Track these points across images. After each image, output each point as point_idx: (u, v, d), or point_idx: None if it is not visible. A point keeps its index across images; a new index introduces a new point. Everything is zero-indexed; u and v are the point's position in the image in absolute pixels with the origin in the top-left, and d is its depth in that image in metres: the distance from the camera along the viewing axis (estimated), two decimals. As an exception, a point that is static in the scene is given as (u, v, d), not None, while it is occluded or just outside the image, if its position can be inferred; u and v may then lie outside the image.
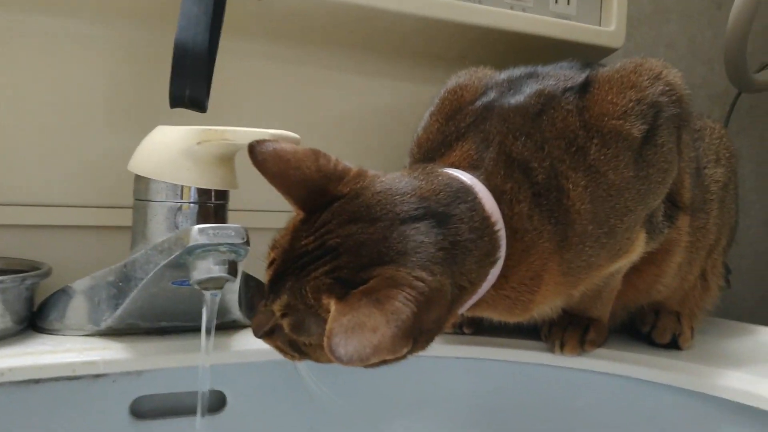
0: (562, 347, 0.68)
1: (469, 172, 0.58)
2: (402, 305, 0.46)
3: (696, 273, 0.77)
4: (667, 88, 0.63)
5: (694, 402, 0.64)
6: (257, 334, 0.54)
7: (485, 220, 0.55)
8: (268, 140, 0.54)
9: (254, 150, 0.53)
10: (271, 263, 0.53)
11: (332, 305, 0.47)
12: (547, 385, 0.70)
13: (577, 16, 0.94)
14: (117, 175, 0.74)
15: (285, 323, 0.51)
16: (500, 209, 0.56)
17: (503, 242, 0.56)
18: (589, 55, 0.96)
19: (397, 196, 0.52)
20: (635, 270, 0.69)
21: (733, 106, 1.25)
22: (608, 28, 0.96)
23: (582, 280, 0.61)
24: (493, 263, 0.55)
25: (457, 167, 0.59)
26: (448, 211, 0.53)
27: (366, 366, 0.48)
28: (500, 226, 0.56)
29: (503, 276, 0.57)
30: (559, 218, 0.58)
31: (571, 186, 0.58)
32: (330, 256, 0.50)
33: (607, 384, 0.68)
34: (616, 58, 0.97)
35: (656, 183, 0.62)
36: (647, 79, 0.63)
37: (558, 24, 0.92)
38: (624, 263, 0.66)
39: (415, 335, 0.47)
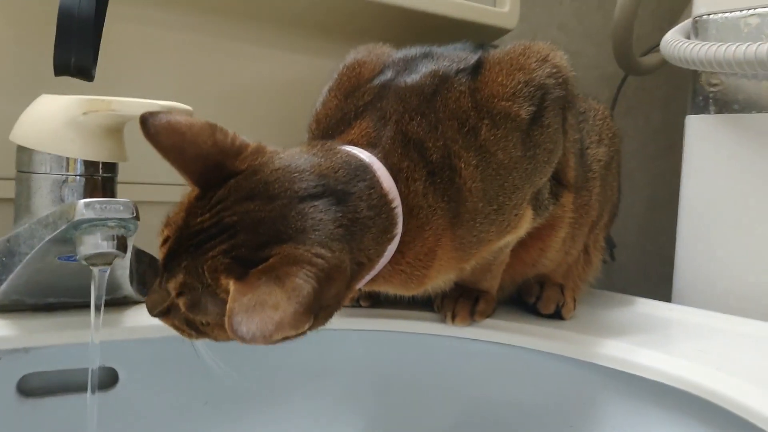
0: (453, 318, 0.70)
1: (367, 150, 0.58)
2: (302, 282, 0.46)
3: (579, 248, 0.81)
4: (554, 71, 0.66)
5: (576, 369, 0.67)
6: (152, 313, 0.53)
7: (383, 197, 0.56)
8: (162, 112, 0.52)
9: (146, 122, 0.51)
10: (164, 241, 0.52)
11: (231, 285, 0.47)
12: (439, 354, 0.72)
13: (473, -5, 0.97)
14: (-1, 146, 0.71)
15: (181, 302, 0.50)
16: (397, 187, 0.57)
17: (400, 219, 0.57)
18: (483, 35, 0.99)
19: (296, 174, 0.52)
20: (522, 244, 0.72)
21: (620, 88, 1.31)
22: (502, 9, 0.98)
23: (473, 255, 0.64)
24: (390, 240, 0.56)
25: (356, 145, 0.59)
26: (347, 189, 0.53)
27: (267, 343, 0.48)
28: (397, 203, 0.57)
29: (399, 252, 0.58)
30: (452, 196, 0.60)
31: (463, 165, 0.60)
32: (227, 235, 0.49)
33: (495, 352, 0.71)
34: (510, 39, 1.01)
35: (542, 162, 0.65)
36: (535, 62, 0.65)
37: (454, 3, 0.94)
38: (512, 238, 0.68)
39: (316, 311, 0.47)
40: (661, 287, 1.45)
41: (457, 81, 0.63)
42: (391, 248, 0.57)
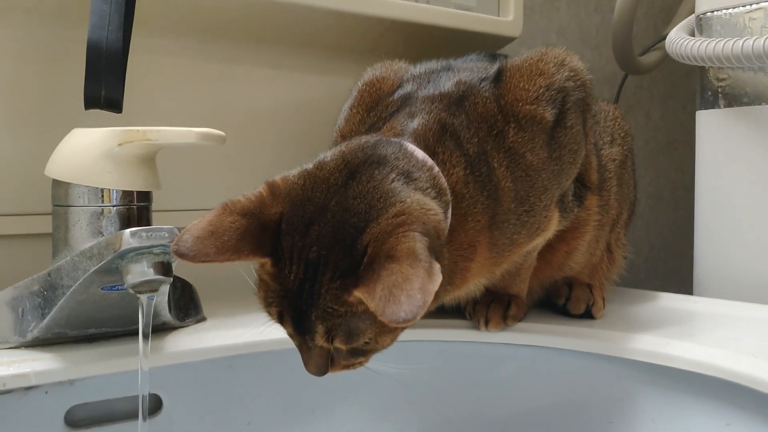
0: (486, 324, 0.71)
1: (394, 138, 0.58)
2: (407, 242, 0.47)
3: (602, 247, 0.82)
4: (572, 74, 0.68)
5: (610, 366, 0.68)
6: (323, 373, 0.53)
7: (420, 162, 0.56)
8: (182, 235, 0.49)
9: (180, 252, 0.49)
10: (281, 317, 0.52)
11: (359, 294, 0.47)
12: (473, 360, 0.73)
13: (477, 7, 0.98)
14: (29, 182, 0.72)
15: (338, 343, 0.50)
16: (437, 165, 0.57)
17: (447, 188, 0.57)
18: (489, 44, 1.00)
19: (325, 172, 0.53)
20: (549, 248, 0.74)
21: (620, 88, 1.33)
22: (507, 18, 1.00)
23: (506, 258, 0.65)
24: (446, 204, 0.56)
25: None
26: (379, 153, 0.54)
27: (424, 310, 0.45)
28: (437, 171, 0.57)
29: (447, 238, 0.57)
30: (490, 192, 0.61)
31: (496, 165, 0.61)
32: (321, 266, 0.49)
33: (529, 355, 0.72)
34: (514, 47, 1.02)
35: (568, 163, 0.67)
36: (553, 66, 0.67)
37: (460, 15, 0.95)
38: (540, 241, 0.70)
39: (437, 254, 0.48)
40: (671, 281, 1.46)
41: (482, 89, 0.64)
42: (449, 217, 0.56)
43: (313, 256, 0.49)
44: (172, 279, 0.57)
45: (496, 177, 0.61)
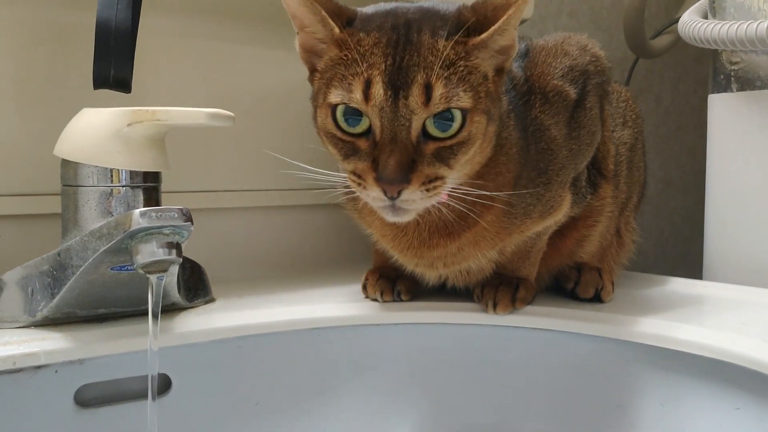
0: (495, 306, 0.71)
1: None
2: None
3: (612, 232, 0.82)
4: (594, 59, 0.69)
5: (619, 349, 0.68)
6: (404, 177, 0.53)
7: None
8: None
9: None
10: (368, 83, 0.54)
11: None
12: (482, 343, 0.73)
13: (488, -12, 0.97)
14: (38, 162, 0.72)
15: (439, 88, 0.53)
16: None
17: None
18: (500, 25, 0.99)
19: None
20: (560, 235, 0.74)
21: (631, 72, 1.31)
22: None
23: (516, 228, 0.65)
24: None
25: None
26: None
27: None
28: None
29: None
30: (521, 148, 0.63)
31: (526, 129, 0.63)
32: (415, 28, 0.54)
33: (537, 338, 0.72)
34: (525, 29, 1.01)
35: (585, 144, 0.67)
36: (577, 50, 0.69)
37: (471, -4, 0.94)
38: (550, 222, 0.70)
39: None
40: (680, 266, 1.46)
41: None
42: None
43: (404, 24, 0.55)
44: (181, 259, 0.57)
45: (526, 139, 0.63)
